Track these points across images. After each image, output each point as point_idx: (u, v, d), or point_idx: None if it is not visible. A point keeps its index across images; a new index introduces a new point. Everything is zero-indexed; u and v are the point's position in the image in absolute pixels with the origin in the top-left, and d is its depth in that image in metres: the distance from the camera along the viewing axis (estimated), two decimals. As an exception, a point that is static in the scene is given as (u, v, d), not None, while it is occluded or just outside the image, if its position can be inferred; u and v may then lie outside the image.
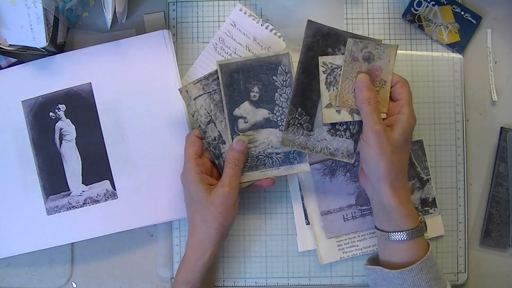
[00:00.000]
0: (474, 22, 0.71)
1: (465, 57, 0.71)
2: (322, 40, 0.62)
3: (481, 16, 0.71)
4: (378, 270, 0.60)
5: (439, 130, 0.70)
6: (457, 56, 0.71)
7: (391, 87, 0.62)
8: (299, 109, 0.63)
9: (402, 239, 0.59)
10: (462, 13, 0.71)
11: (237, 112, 0.64)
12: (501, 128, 0.71)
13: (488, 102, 0.72)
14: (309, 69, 0.62)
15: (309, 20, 0.62)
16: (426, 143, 0.69)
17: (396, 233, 0.59)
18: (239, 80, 0.63)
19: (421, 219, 0.61)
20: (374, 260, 0.64)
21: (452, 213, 0.70)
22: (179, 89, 0.63)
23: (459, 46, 0.71)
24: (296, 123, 0.63)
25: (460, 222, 0.70)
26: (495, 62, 0.72)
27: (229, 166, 0.61)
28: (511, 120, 0.71)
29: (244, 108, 0.64)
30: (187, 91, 0.63)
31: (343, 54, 0.62)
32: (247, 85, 0.63)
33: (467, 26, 0.71)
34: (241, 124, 0.64)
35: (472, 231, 0.71)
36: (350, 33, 0.62)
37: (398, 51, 0.71)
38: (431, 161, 0.69)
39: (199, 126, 0.64)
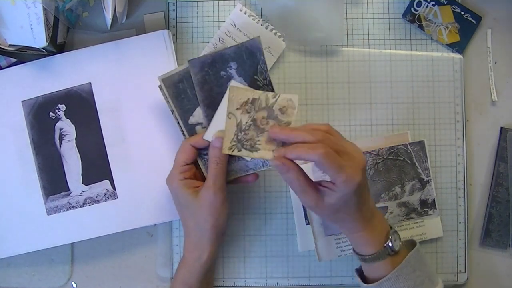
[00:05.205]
0: (474, 22, 0.71)
1: (465, 57, 0.71)
2: (211, 69, 0.61)
3: (481, 16, 0.71)
4: (359, 282, 0.60)
5: (439, 130, 0.70)
6: (457, 56, 0.71)
7: None
8: None
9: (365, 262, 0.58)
10: (462, 13, 0.71)
11: (192, 120, 0.62)
12: (501, 128, 0.71)
13: (488, 102, 0.72)
14: (213, 102, 0.61)
15: (189, 60, 0.60)
16: (426, 143, 0.69)
17: (360, 255, 0.59)
18: (185, 89, 0.62)
19: (389, 239, 0.57)
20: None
21: (452, 213, 0.70)
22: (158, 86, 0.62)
23: (459, 46, 0.71)
24: None
25: (460, 222, 0.70)
26: (495, 62, 0.72)
27: (211, 166, 0.59)
28: (511, 120, 0.71)
29: (198, 114, 0.62)
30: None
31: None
32: (194, 92, 0.62)
33: (467, 26, 0.71)
34: (200, 131, 0.62)
35: (472, 231, 0.71)
36: (233, 46, 0.61)
37: (398, 51, 0.71)
38: (431, 161, 0.69)
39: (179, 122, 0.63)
